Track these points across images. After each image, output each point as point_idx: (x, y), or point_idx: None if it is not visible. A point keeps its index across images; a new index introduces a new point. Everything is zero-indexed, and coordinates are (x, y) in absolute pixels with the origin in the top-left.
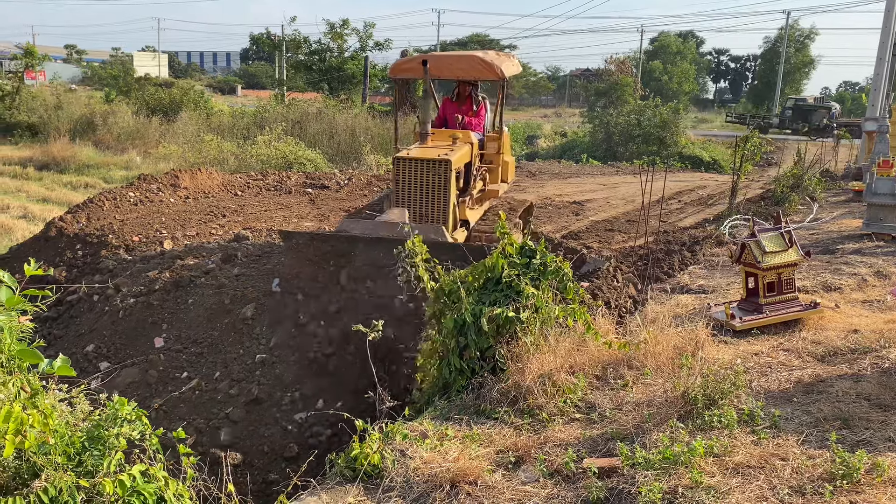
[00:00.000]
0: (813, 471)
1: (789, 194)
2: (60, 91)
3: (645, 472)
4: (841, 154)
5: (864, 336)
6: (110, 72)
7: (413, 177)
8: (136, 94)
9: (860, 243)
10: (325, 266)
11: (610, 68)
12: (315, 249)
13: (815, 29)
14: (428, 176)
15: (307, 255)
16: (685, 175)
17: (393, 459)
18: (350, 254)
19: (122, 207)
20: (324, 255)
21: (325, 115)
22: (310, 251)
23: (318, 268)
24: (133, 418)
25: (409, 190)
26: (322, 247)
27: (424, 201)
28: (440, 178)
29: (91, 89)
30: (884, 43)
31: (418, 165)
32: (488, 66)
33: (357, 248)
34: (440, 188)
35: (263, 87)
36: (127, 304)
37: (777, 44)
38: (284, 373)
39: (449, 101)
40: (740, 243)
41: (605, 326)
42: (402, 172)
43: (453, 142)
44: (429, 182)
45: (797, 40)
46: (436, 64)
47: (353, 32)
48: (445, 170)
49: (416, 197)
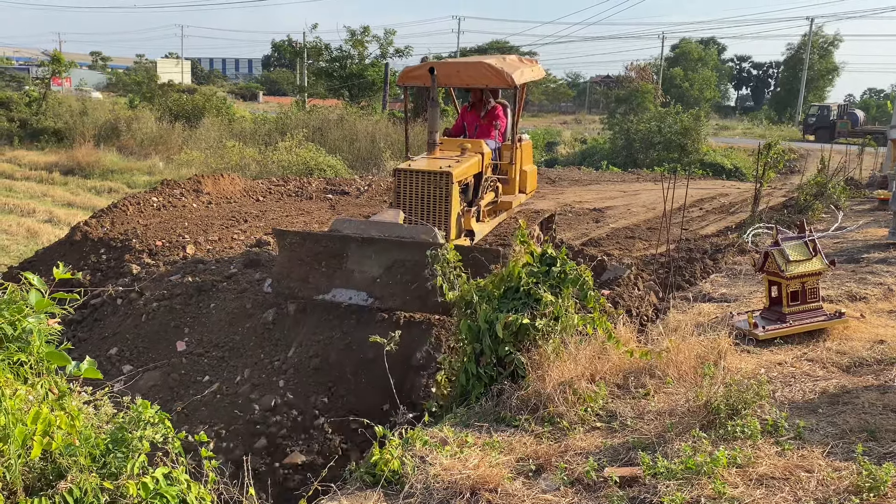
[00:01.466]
0: (839, 483)
1: (813, 202)
2: (86, 97)
3: (667, 481)
4: (866, 162)
5: (891, 347)
6: (134, 78)
7: (414, 189)
8: (160, 101)
9: (886, 252)
10: (318, 266)
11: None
12: (307, 249)
13: (840, 35)
14: (429, 188)
15: (299, 255)
16: (706, 182)
17: (413, 466)
18: (342, 254)
19: (145, 212)
20: (316, 255)
21: (346, 122)
22: (302, 251)
23: (310, 268)
24: (156, 421)
25: (409, 202)
26: (314, 247)
27: (426, 214)
28: (441, 191)
29: (115, 95)
30: None
31: (419, 177)
32: (497, 73)
33: (349, 248)
34: (441, 201)
35: (285, 94)
36: (150, 308)
37: (800, 50)
38: (305, 379)
39: (466, 110)
40: (763, 252)
41: (626, 334)
42: (402, 184)
43: (461, 152)
44: (430, 195)
45: (821, 47)
46: (443, 71)
47: (373, 39)
48: (447, 182)
49: (417, 209)
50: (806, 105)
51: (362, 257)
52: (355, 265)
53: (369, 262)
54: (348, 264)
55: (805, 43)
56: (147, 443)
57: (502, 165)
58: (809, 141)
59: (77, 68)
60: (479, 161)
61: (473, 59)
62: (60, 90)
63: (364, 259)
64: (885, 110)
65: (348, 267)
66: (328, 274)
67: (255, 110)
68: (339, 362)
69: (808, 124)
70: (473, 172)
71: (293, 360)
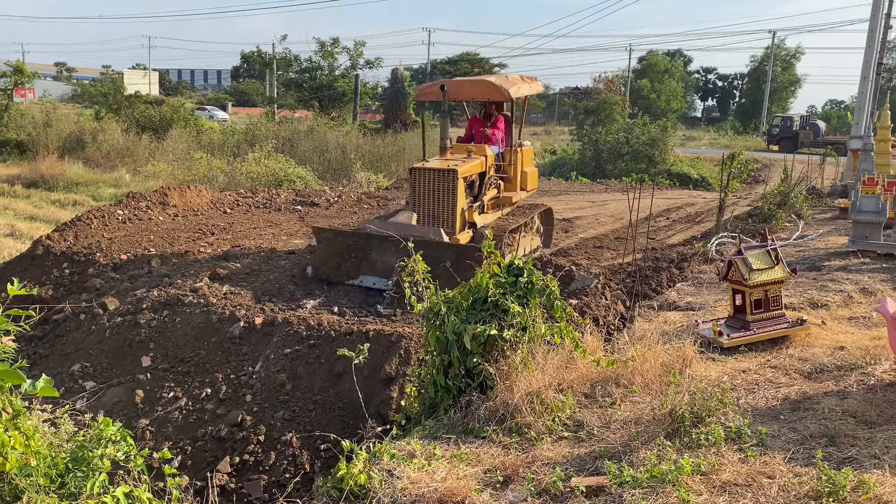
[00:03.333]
0: (799, 488)
1: (776, 211)
2: (49, 108)
3: (633, 490)
4: (827, 172)
5: (850, 353)
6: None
7: (426, 184)
8: (126, 112)
9: (846, 260)
10: (348, 257)
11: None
12: (339, 243)
13: (801, 48)
14: (438, 183)
15: (333, 248)
16: (673, 192)
17: (380, 479)
18: (367, 248)
19: (110, 225)
20: (346, 248)
21: (316, 133)
22: (335, 244)
23: (342, 258)
24: (118, 439)
25: (423, 195)
26: (345, 241)
27: (436, 205)
28: (448, 185)
29: (81, 107)
30: (867, 62)
31: (430, 174)
32: (496, 88)
33: (372, 244)
34: (449, 194)
35: (254, 105)
36: (114, 323)
37: (764, 63)
38: (272, 394)
39: (475, 119)
40: (727, 261)
41: (593, 344)
42: (417, 180)
43: (468, 155)
44: (439, 188)
45: (783, 59)
46: (452, 87)
47: (343, 51)
48: (453, 178)
49: (428, 201)
50: (770, 116)
51: (383, 251)
52: (378, 257)
53: (389, 254)
54: (372, 256)
55: (768, 55)
56: (108, 461)
57: (504, 167)
58: (773, 151)
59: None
60: (482, 162)
61: (477, 77)
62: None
63: (385, 252)
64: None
65: (372, 258)
66: (356, 263)
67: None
68: (307, 376)
69: (772, 135)
70: (477, 171)
71: (260, 375)
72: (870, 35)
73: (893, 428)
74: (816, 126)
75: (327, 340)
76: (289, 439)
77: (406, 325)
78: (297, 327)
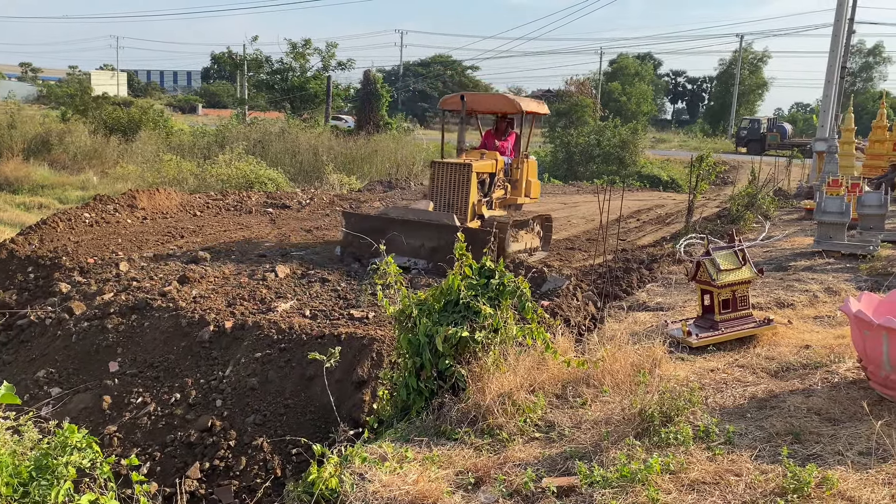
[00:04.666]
0: (765, 486)
1: (744, 213)
2: (14, 109)
3: (603, 490)
4: (794, 173)
5: (815, 351)
6: (66, 90)
7: (444, 177)
8: (94, 113)
9: (811, 260)
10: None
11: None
12: (366, 225)
13: (768, 52)
14: (455, 176)
15: (359, 229)
16: (644, 194)
17: (351, 483)
18: (387, 230)
19: (76, 229)
20: (370, 229)
21: (288, 135)
22: (362, 225)
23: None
24: (83, 446)
25: (441, 186)
26: (370, 224)
27: (452, 195)
28: (463, 178)
29: (46, 108)
30: (832, 66)
31: (449, 168)
32: (510, 102)
33: (393, 226)
34: (463, 185)
35: (225, 107)
36: (80, 328)
37: (732, 66)
38: (243, 399)
39: (490, 133)
40: (696, 261)
41: (564, 345)
42: (436, 173)
43: (481, 156)
44: (455, 181)
45: (751, 63)
46: (471, 99)
47: (315, 52)
48: (468, 171)
49: (445, 191)
50: (738, 118)
51: (404, 233)
52: (400, 237)
53: (408, 235)
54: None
55: (736, 59)
56: (73, 469)
57: (512, 173)
58: (742, 153)
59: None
60: (493, 164)
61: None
62: None
63: (406, 233)
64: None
65: (394, 239)
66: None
67: (195, 123)
68: (278, 380)
69: (740, 137)
70: (488, 171)
71: (231, 380)
72: (834, 39)
73: (856, 425)
74: (783, 129)
75: (298, 344)
76: (260, 444)
77: (378, 328)
78: (268, 331)
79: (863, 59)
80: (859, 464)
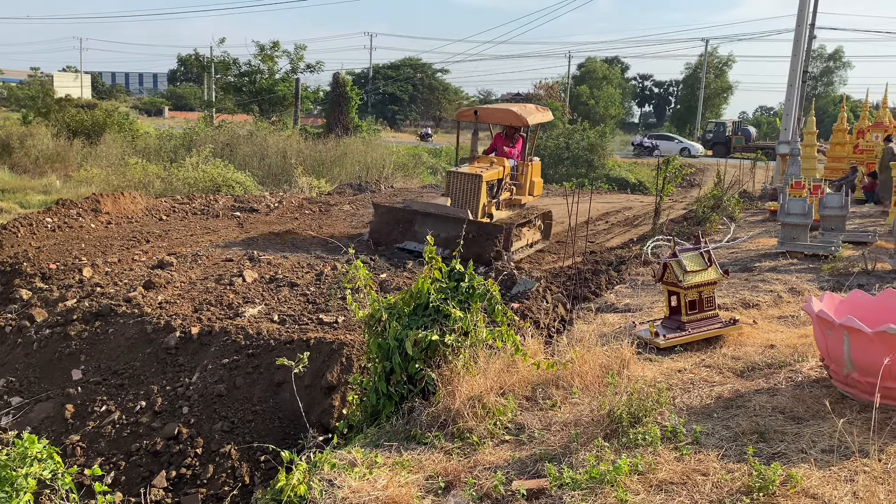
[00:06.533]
0: (732, 485)
1: (710, 214)
2: None
3: (572, 492)
4: (758, 175)
5: (780, 351)
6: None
7: (458, 184)
8: (57, 116)
9: (776, 261)
10: (397, 227)
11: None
12: (392, 216)
13: (733, 56)
14: (467, 184)
15: (386, 220)
16: (612, 196)
17: (320, 490)
18: (412, 220)
19: (38, 234)
20: (396, 220)
21: (256, 137)
22: (388, 217)
23: (392, 228)
24: (44, 456)
25: (455, 192)
26: (395, 215)
27: (464, 199)
28: (475, 186)
29: (7, 110)
30: (794, 70)
31: (462, 177)
32: (517, 116)
33: (416, 217)
34: (475, 192)
35: (192, 109)
36: (42, 336)
37: (697, 70)
38: (210, 406)
39: (499, 136)
40: (662, 263)
41: (533, 347)
42: (451, 181)
43: (490, 164)
44: (467, 188)
45: (716, 67)
46: (484, 112)
47: (283, 55)
48: (479, 181)
49: (459, 196)
50: (704, 121)
51: (425, 224)
52: (420, 227)
53: (428, 226)
54: (415, 227)
55: (702, 63)
56: (33, 480)
57: (518, 176)
58: (707, 156)
59: None
60: (501, 170)
61: (503, 106)
62: None
63: (426, 224)
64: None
65: (416, 229)
66: (403, 232)
67: (161, 126)
68: (246, 387)
69: (706, 140)
70: (497, 177)
71: (198, 386)
72: (795, 44)
73: (819, 423)
74: (748, 132)
75: (267, 350)
76: (227, 451)
77: (348, 333)
78: (235, 336)
79: (823, 64)
80: (822, 461)
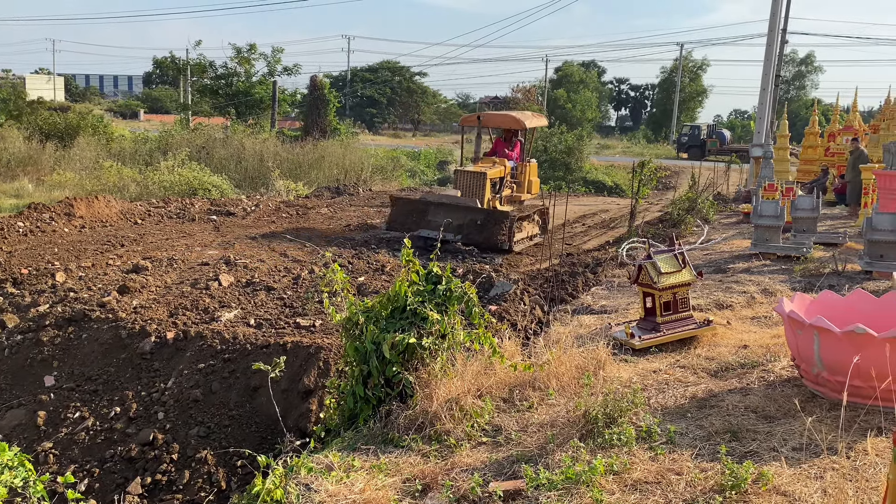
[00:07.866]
0: (705, 483)
1: (685, 216)
2: None
3: (548, 493)
4: (732, 178)
5: (753, 351)
6: None
7: (465, 181)
8: (29, 119)
9: (749, 263)
10: (413, 216)
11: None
12: (408, 207)
13: (707, 60)
14: (473, 181)
15: (402, 210)
16: (589, 199)
17: (297, 494)
18: (426, 210)
19: (9, 238)
20: (411, 210)
21: (233, 140)
22: (405, 207)
23: (408, 217)
24: (15, 464)
25: (463, 188)
26: (411, 205)
27: (471, 195)
28: (480, 182)
29: None
30: (766, 74)
31: (469, 175)
32: (516, 121)
33: (430, 207)
34: (480, 188)
35: (168, 112)
36: (13, 342)
37: (673, 74)
38: (185, 411)
39: (500, 140)
40: (637, 265)
41: (511, 349)
42: (459, 178)
43: (493, 164)
44: (474, 184)
45: (691, 71)
46: (486, 118)
47: (260, 57)
48: (483, 178)
49: (466, 191)
50: (679, 125)
51: (438, 213)
52: (434, 217)
53: (441, 216)
54: (429, 216)
55: (677, 67)
56: (4, 489)
57: (517, 175)
58: (683, 159)
59: None
60: (502, 170)
61: (504, 112)
62: None
63: (439, 213)
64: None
65: (429, 218)
66: (418, 221)
67: (136, 129)
68: (222, 391)
69: (682, 143)
70: (499, 176)
71: (173, 391)
72: (768, 49)
73: (790, 421)
74: (722, 135)
75: (243, 354)
76: (204, 457)
77: (325, 336)
78: (211, 341)
79: (796, 68)
80: (793, 459)
